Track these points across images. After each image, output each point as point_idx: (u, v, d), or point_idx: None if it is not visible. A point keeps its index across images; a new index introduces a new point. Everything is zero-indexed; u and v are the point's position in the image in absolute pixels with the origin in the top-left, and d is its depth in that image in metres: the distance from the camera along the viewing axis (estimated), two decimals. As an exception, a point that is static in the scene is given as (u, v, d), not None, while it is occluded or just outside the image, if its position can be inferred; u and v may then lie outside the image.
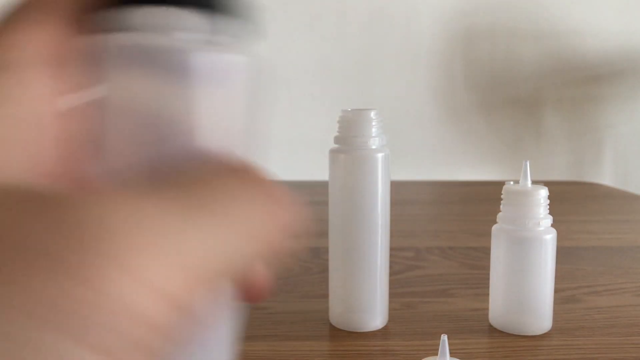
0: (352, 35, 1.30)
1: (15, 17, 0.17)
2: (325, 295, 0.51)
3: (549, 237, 0.46)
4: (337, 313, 0.48)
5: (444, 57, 1.29)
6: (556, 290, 0.48)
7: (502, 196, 0.48)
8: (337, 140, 0.47)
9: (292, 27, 1.32)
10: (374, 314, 0.48)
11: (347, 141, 0.46)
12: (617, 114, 1.33)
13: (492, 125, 1.32)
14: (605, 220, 0.84)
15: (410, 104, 1.29)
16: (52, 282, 0.12)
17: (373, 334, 0.47)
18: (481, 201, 0.94)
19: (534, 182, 0.48)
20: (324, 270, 0.59)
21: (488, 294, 0.49)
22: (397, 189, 0.56)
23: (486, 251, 0.52)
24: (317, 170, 0.72)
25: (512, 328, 0.47)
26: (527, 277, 0.46)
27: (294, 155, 1.27)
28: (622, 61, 1.29)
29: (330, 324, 0.49)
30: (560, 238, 0.48)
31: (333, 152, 0.47)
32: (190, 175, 0.16)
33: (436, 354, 0.39)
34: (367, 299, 0.47)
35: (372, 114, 0.47)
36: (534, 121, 1.33)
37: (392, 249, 0.49)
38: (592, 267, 0.63)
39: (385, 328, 0.48)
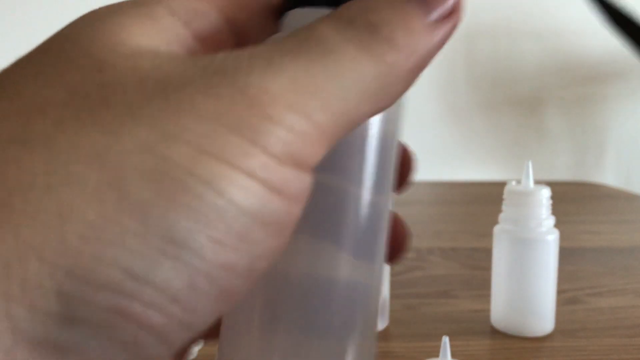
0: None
1: None
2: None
3: (552, 238, 0.46)
4: (337, 314, 0.48)
5: (445, 56, 1.28)
6: (558, 292, 0.48)
7: (504, 196, 0.47)
8: (337, 140, 0.46)
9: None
10: (375, 315, 0.47)
11: (348, 141, 0.46)
12: (620, 114, 1.33)
13: (493, 125, 1.31)
14: (608, 221, 0.83)
15: (411, 103, 1.28)
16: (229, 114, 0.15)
17: (373, 336, 0.47)
18: (483, 201, 0.93)
19: (536, 182, 0.47)
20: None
21: (490, 295, 0.49)
22: (398, 189, 0.56)
23: (488, 252, 0.52)
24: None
25: (514, 329, 0.47)
26: (529, 278, 0.46)
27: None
28: (625, 60, 1.28)
29: (331, 326, 0.48)
30: (562, 239, 0.48)
31: (333, 152, 0.46)
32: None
33: (437, 356, 0.38)
34: (368, 300, 0.47)
35: (373, 113, 0.46)
36: (536, 121, 1.33)
37: (392, 249, 0.49)
38: (594, 268, 0.63)
39: (385, 330, 0.48)
